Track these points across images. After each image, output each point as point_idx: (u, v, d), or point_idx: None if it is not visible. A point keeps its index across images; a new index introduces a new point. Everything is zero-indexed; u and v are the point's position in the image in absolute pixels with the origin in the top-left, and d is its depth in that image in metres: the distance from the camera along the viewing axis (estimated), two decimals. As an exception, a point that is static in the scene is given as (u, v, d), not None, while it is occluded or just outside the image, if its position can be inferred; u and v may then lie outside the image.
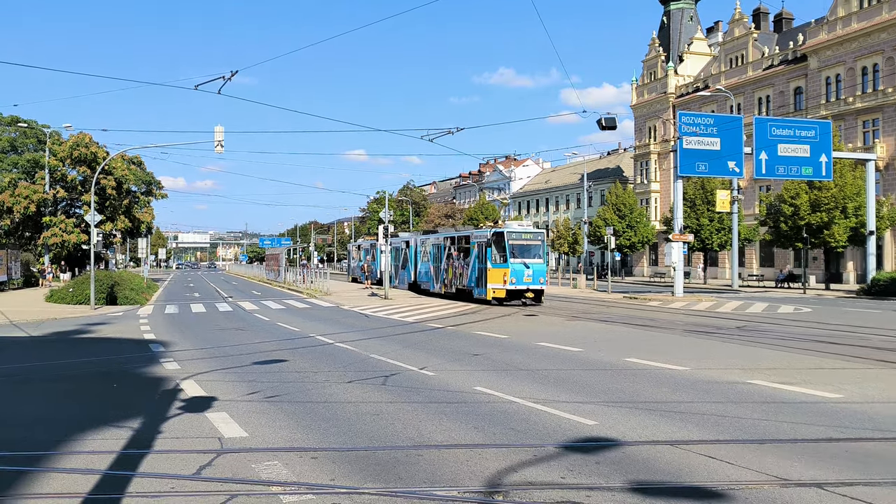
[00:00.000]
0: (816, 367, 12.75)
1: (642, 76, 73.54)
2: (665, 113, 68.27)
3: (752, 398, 9.87)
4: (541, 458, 6.94)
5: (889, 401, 9.67)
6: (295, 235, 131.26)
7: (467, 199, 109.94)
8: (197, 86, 22.15)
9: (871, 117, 50.21)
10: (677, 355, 14.11)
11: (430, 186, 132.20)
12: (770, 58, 59.33)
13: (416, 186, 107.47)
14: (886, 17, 48.65)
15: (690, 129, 33.17)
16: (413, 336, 18.44)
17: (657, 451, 7.21)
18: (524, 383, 11.12)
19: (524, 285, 28.40)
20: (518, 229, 29.43)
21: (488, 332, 18.92)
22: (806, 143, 35.66)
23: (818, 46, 53.82)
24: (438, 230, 44.90)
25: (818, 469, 6.53)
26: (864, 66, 50.75)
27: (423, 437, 7.84)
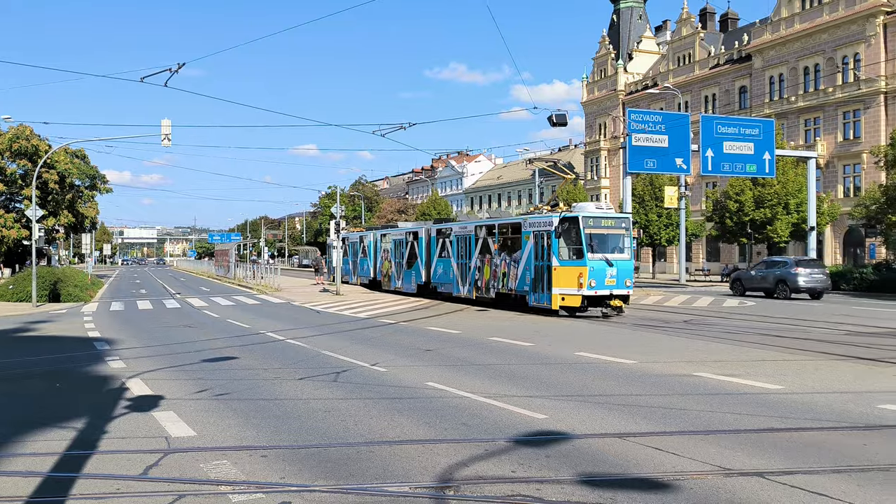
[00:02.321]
0: (759, 359, 13.09)
1: (592, 73, 74.38)
2: (615, 110, 69.23)
3: (698, 390, 10.10)
4: (492, 453, 7.00)
5: (828, 391, 9.99)
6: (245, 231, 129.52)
7: (420, 194, 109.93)
8: (143, 78, 21.72)
9: (813, 116, 51.67)
10: (626, 349, 14.34)
11: (382, 181, 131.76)
12: (716, 57, 60.60)
13: (368, 181, 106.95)
14: (827, 18, 50.07)
15: (639, 126, 33.68)
16: (365, 332, 18.38)
17: (606, 443, 7.33)
18: (476, 378, 11.18)
19: (607, 289, 21.18)
20: (596, 213, 22.36)
21: (441, 328, 18.97)
22: (750, 141, 36.50)
23: (762, 46, 55.15)
24: (458, 219, 38.48)
25: (760, 458, 6.71)
26: (806, 67, 52.17)
27: (375, 433, 7.83)
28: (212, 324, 21.21)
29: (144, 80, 21.68)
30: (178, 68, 20.88)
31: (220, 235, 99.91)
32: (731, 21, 66.97)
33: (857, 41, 48.25)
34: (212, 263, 74.71)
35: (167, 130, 25.20)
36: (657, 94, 58.82)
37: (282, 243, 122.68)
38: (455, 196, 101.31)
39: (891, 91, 46.52)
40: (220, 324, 21.11)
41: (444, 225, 30.72)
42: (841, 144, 49.57)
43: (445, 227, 29.82)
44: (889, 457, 6.76)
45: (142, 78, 21.76)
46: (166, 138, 25.14)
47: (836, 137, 49.89)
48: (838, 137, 49.75)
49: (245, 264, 59.25)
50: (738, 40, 59.18)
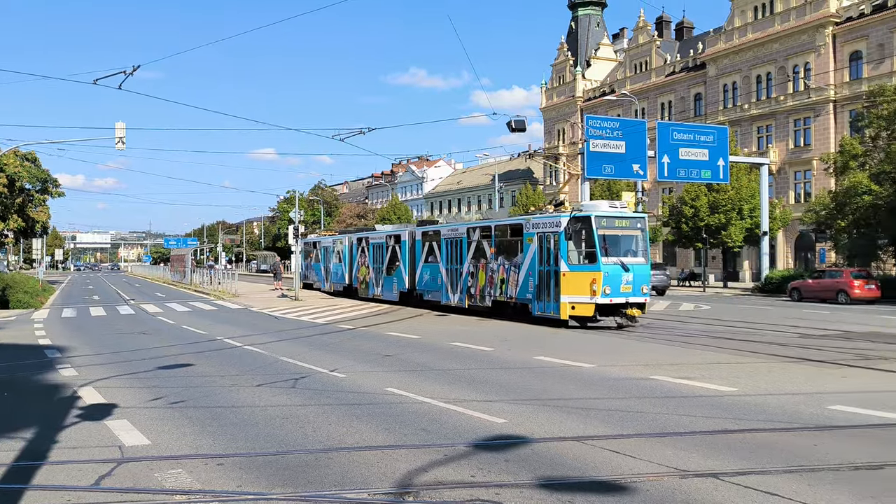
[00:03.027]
0: (714, 362, 13.31)
1: (551, 80, 75.06)
2: (573, 116, 69.95)
3: (655, 393, 10.23)
4: (451, 458, 6.99)
5: (780, 393, 10.19)
6: (202, 236, 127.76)
7: (380, 199, 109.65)
8: (96, 80, 21.27)
9: (765, 123, 52.86)
10: (585, 353, 14.47)
11: (341, 186, 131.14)
12: (672, 65, 61.66)
13: (327, 186, 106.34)
14: (779, 28, 51.29)
15: (597, 132, 34.10)
16: (324, 338, 18.25)
17: (564, 446, 7.37)
18: (436, 383, 11.17)
19: (622, 297, 19.11)
20: (610, 212, 20.06)
21: (400, 333, 18.92)
22: (705, 148, 37.18)
23: (716, 55, 56.25)
24: (440, 221, 36.71)
25: (715, 460, 6.82)
26: (759, 75, 53.36)
27: (334, 439, 7.77)
28: (167, 330, 20.85)
29: (98, 82, 21.25)
30: (132, 70, 20.52)
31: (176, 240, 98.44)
32: (686, 30, 68.22)
33: (808, 51, 49.51)
34: (168, 269, 73.57)
35: (122, 133, 24.76)
36: (615, 100, 59.61)
37: (240, 248, 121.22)
38: (415, 201, 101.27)
39: (840, 100, 47.80)
40: (175, 330, 20.77)
41: (431, 227, 28.73)
42: (792, 151, 50.77)
43: (432, 230, 27.83)
44: (839, 457, 6.91)
45: (95, 80, 21.32)
46: (120, 141, 24.70)
47: (787, 144, 51.09)
48: (789, 144, 50.95)
49: (202, 270, 58.41)
50: (693, 49, 60.28)
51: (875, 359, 13.49)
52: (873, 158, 34.45)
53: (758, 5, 53.41)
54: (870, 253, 34.81)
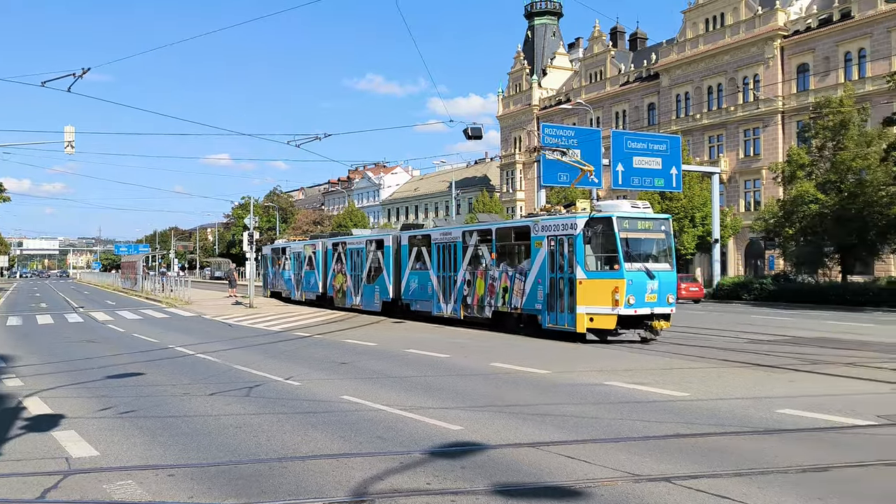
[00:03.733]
0: (667, 367, 13.51)
1: (508, 88, 75.63)
2: (530, 124, 70.50)
3: (609, 399, 10.34)
4: (407, 465, 6.97)
5: (731, 397, 10.39)
6: (154, 242, 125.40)
7: (336, 205, 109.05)
8: (44, 82, 20.83)
9: (716, 133, 54.01)
10: (540, 360, 14.56)
11: (297, 192, 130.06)
12: (626, 74, 62.65)
13: (283, 192, 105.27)
14: (729, 40, 52.49)
15: (553, 140, 34.40)
16: (279, 345, 18.06)
17: (520, 453, 7.40)
18: (392, 391, 11.13)
19: (647, 307, 17.15)
20: (632, 212, 18.08)
21: (357, 340, 18.81)
22: (658, 157, 37.78)
23: (669, 65, 57.32)
24: (424, 224, 34.03)
25: (668, 464, 6.91)
26: (710, 86, 54.52)
27: (288, 448, 7.68)
28: (117, 338, 20.41)
29: (46, 84, 20.78)
30: (82, 73, 20.12)
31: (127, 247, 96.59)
32: (640, 40, 69.40)
33: (757, 63, 50.76)
34: (118, 276, 72.08)
35: (70, 137, 24.27)
36: (570, 109, 60.30)
37: (193, 255, 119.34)
38: (372, 208, 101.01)
39: (788, 111, 49.08)
40: (125, 338, 20.34)
41: (420, 231, 26.55)
42: (742, 161, 51.94)
43: (421, 234, 25.62)
44: (787, 459, 7.07)
45: (43, 82, 20.87)
46: (69, 145, 24.20)
47: (737, 154, 52.25)
48: (740, 154, 52.12)
49: (154, 276, 57.36)
50: (646, 59, 61.34)
51: (821, 363, 13.83)
52: (819, 168, 35.40)
53: (709, 18, 54.60)
54: (816, 260, 35.73)
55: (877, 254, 35.69)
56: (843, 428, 8.49)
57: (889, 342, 17.77)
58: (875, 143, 33.72)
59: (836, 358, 14.49)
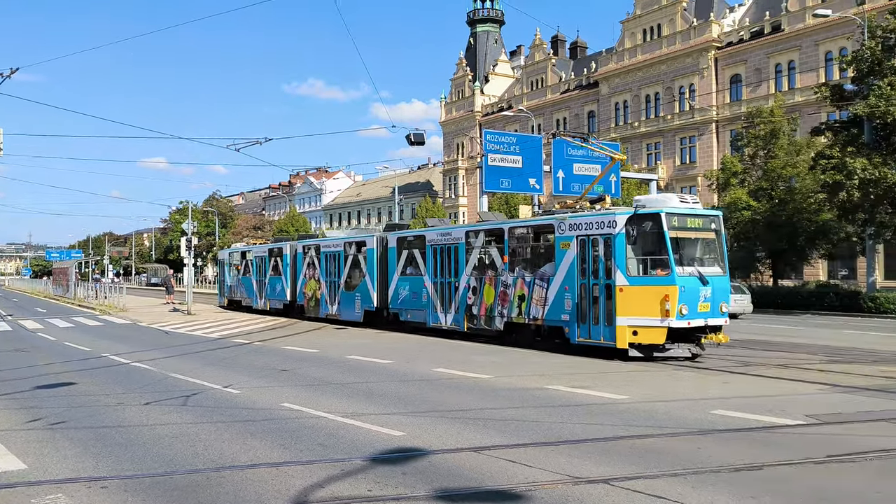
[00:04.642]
0: (606, 371, 13.73)
1: (451, 94, 75.96)
2: (472, 130, 70.95)
3: (550, 402, 10.45)
4: (348, 473, 6.91)
5: (668, 399, 10.61)
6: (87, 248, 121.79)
7: (277, 210, 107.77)
8: (-30, 82, 19.97)
9: (654, 141, 55.27)
10: (483, 364, 14.63)
11: (237, 197, 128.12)
12: (566, 82, 63.62)
13: (222, 197, 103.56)
14: (666, 51, 53.79)
15: (495, 147, 34.61)
16: (218, 353, 17.73)
17: (461, 457, 7.42)
18: (333, 397, 11.04)
19: (700, 318, 14.84)
20: (682, 208, 15.62)
21: (298, 347, 18.60)
22: (598, 163, 38.33)
23: (608, 74, 58.43)
24: (405, 225, 31.26)
25: (606, 466, 7.02)
26: (648, 95, 55.77)
27: (227, 458, 7.54)
28: (48, 347, 19.74)
29: (-28, 84, 19.96)
30: (10, 73, 19.42)
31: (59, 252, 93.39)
32: (580, 49, 70.53)
33: (692, 73, 52.13)
34: (49, 283, 69.79)
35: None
36: (512, 116, 60.95)
37: (129, 261, 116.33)
38: (314, 213, 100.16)
39: (721, 120, 50.52)
40: (57, 347, 19.69)
41: (412, 232, 24.02)
42: (679, 168, 53.23)
43: (414, 235, 23.21)
44: (720, 459, 7.25)
45: (-32, 82, 20.03)
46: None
47: (674, 161, 53.54)
48: (676, 161, 53.42)
49: (87, 283, 55.70)
50: (586, 67, 62.42)
51: (753, 365, 14.25)
52: (752, 176, 36.52)
53: (646, 28, 55.86)
54: (749, 265, 36.82)
55: (806, 259, 36.97)
56: (773, 428, 8.75)
57: (817, 344, 18.41)
58: (804, 151, 34.99)
59: (768, 360, 14.94)
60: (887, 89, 27.97)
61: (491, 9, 75.95)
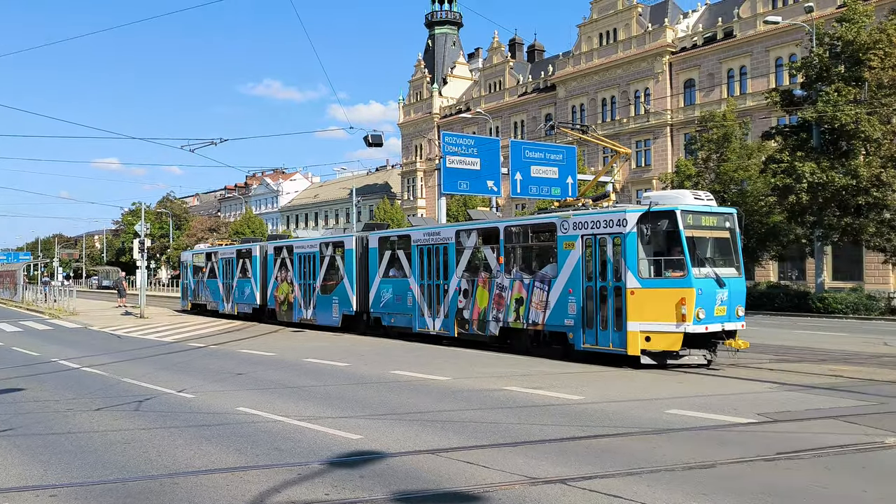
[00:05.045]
0: (562, 371, 13.84)
1: (409, 96, 75.92)
2: (430, 132, 71.02)
3: (507, 404, 10.49)
4: (305, 477, 6.85)
5: (623, 399, 10.74)
6: (36, 250, 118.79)
7: (233, 212, 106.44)
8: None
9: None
10: (441, 367, 14.64)
11: (192, 198, 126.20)
12: (524, 85, 64.06)
13: (176, 198, 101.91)
14: (621, 55, 54.51)
15: (453, 149, 34.70)
16: (171, 357, 17.43)
17: (419, 460, 7.41)
18: (290, 401, 10.93)
19: (717, 322, 14.03)
20: (696, 205, 14.74)
21: (254, 350, 18.39)
22: (555, 166, 38.69)
23: (565, 78, 58.99)
24: (385, 224, 30.07)
25: (563, 466, 7.08)
26: (604, 98, 56.45)
27: (181, 463, 7.42)
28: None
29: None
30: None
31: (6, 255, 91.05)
32: (537, 52, 71.07)
33: (647, 77, 52.92)
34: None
35: (-58, 138, 22.66)
36: (470, 118, 61.08)
37: (79, 263, 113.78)
38: (270, 214, 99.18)
39: (676, 123, 51.38)
40: (4, 352, 19.14)
41: (396, 232, 23.10)
42: (634, 171, 53.97)
43: (397, 235, 22.15)
44: (674, 458, 7.36)
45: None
46: (-59, 147, 22.59)
47: (630, 164, 54.23)
48: (632, 164, 54.13)
49: (35, 286, 54.32)
50: (544, 71, 62.92)
51: (706, 365, 14.48)
52: (705, 179, 37.19)
53: (602, 33, 56.53)
54: (702, 266, 37.46)
55: (757, 260, 37.74)
56: (726, 426, 8.92)
57: (767, 343, 18.78)
58: (755, 155, 35.79)
59: (720, 360, 15.19)
60: (834, 95, 28.75)
61: (449, 11, 76.12)
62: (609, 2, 55.98)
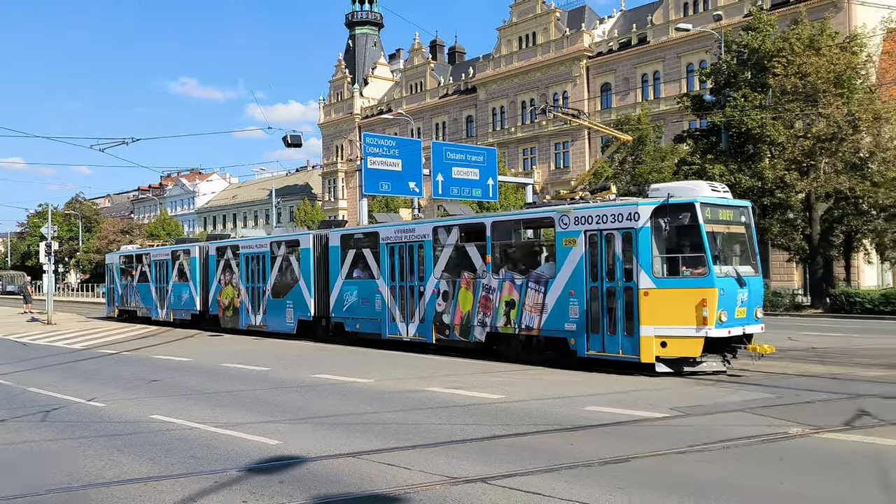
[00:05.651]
0: (483, 371, 13.97)
1: (329, 96, 75.25)
2: (351, 133, 70.60)
3: (429, 404, 10.52)
4: (222, 484, 6.71)
5: (543, 398, 10.92)
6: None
7: (147, 213, 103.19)
8: None
9: (530, 146, 56.83)
10: (363, 369, 14.56)
11: (103, 199, 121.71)
12: (445, 87, 64.38)
13: (86, 199, 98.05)
14: (540, 58, 55.43)
15: (374, 150, 34.57)
16: (82, 364, 16.77)
17: (340, 463, 7.36)
18: (207, 407, 10.68)
19: (738, 325, 12.95)
20: (714, 197, 13.54)
21: (169, 356, 17.88)
22: (476, 167, 39.02)
23: (486, 80, 59.58)
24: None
25: (484, 465, 7.14)
26: (524, 101, 57.28)
27: (91, 475, 7.15)
28: None
29: None
30: None
31: None
32: (458, 54, 71.54)
33: (566, 80, 53.99)
34: None
35: None
36: (392, 119, 60.97)
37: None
38: (187, 216, 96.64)
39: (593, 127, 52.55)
40: None
41: (362, 229, 21.52)
42: (553, 172, 54.97)
43: (363, 233, 20.40)
44: (592, 453, 7.52)
45: None
46: None
47: (549, 166, 55.25)
48: (551, 166, 55.15)
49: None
50: (465, 73, 63.37)
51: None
52: (621, 180, 38.22)
53: (522, 36, 57.37)
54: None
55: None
56: (641, 421, 9.18)
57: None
58: (668, 158, 37.02)
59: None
60: (741, 101, 29.97)
61: (370, 11, 75.81)
62: (528, 6, 56.86)
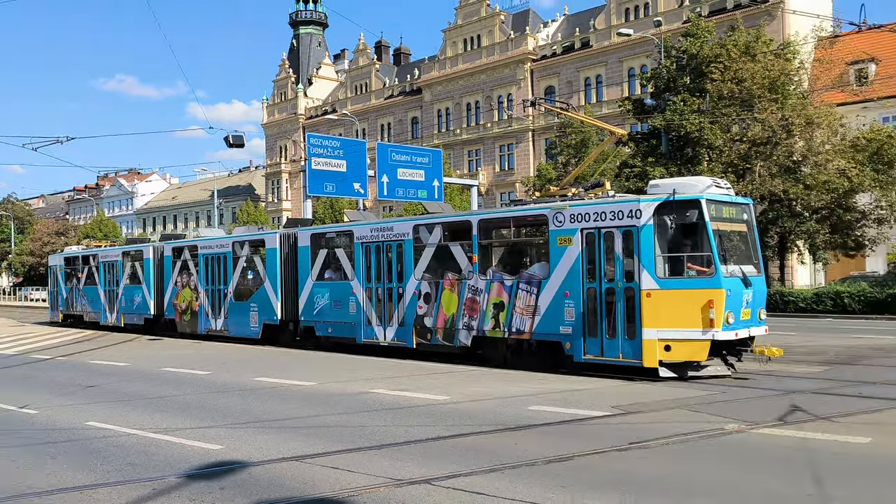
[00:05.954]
0: (430, 373, 13.97)
1: (273, 96, 74.37)
2: (296, 133, 69.89)
3: (374, 406, 10.47)
4: (161, 491, 6.56)
5: (488, 398, 10.96)
6: None
7: (83, 214, 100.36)
8: None
9: (475, 148, 57.11)
10: (307, 372, 14.42)
11: (37, 200, 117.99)
12: (390, 88, 64.27)
13: (18, 200, 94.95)
14: (485, 61, 55.78)
15: (319, 150, 34.29)
16: (13, 370, 16.21)
17: (283, 467, 7.26)
18: (145, 413, 10.42)
19: (744, 327, 12.54)
20: (718, 194, 12.95)
21: (106, 360, 17.41)
22: (421, 169, 39.04)
23: (431, 81, 59.68)
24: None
25: (428, 467, 7.14)
26: (469, 103, 57.56)
27: (23, 485, 6.91)
28: None
29: None
30: None
31: None
32: (403, 56, 71.49)
33: (510, 83, 54.45)
34: None
35: None
36: (336, 120, 60.61)
37: None
38: (125, 217, 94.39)
39: (537, 129, 53.13)
40: None
41: (334, 227, 20.66)
42: (498, 174, 55.37)
43: (336, 232, 19.35)
44: (536, 453, 7.58)
45: None
46: None
47: (494, 168, 55.62)
48: (496, 168, 55.53)
49: None
50: (410, 74, 63.39)
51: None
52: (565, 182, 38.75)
53: (467, 38, 57.64)
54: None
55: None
56: (584, 420, 9.30)
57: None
58: (610, 160, 37.56)
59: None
60: (680, 105, 30.66)
61: (314, 11, 75.19)
62: (473, 8, 57.18)
